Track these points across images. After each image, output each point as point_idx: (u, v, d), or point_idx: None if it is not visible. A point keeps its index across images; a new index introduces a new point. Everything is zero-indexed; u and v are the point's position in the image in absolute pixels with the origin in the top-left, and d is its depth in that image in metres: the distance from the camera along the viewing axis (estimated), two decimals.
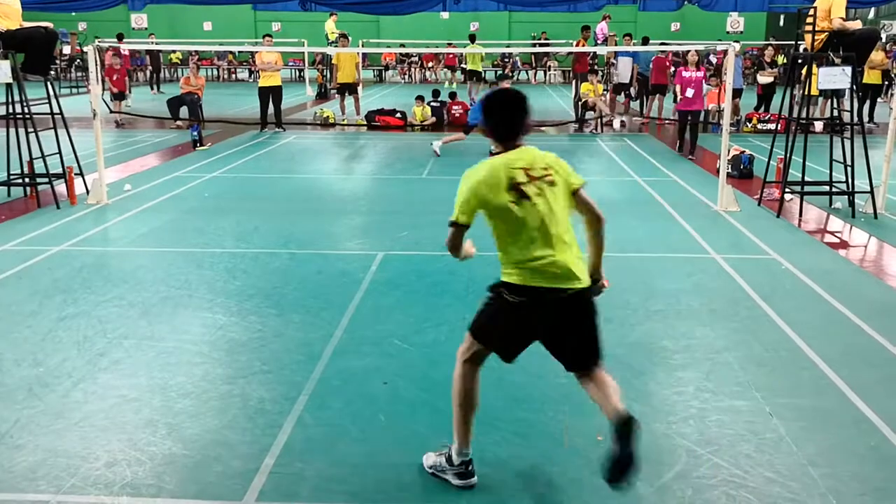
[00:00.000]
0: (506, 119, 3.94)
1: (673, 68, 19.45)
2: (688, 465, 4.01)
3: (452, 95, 19.50)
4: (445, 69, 34.17)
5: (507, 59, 36.58)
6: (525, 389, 4.89)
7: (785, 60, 23.48)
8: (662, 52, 19.09)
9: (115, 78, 19.15)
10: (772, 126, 16.21)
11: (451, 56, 32.44)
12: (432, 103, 19.10)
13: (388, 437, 4.31)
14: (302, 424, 4.43)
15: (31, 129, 10.00)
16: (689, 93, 14.10)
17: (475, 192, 3.85)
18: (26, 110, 9.94)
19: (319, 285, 6.95)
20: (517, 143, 3.96)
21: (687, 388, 4.92)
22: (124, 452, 4.10)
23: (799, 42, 10.43)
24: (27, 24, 10.15)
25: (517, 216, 3.77)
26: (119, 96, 19.28)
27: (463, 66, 28.22)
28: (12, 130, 10.20)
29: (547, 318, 3.81)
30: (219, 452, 4.12)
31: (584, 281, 3.85)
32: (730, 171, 10.70)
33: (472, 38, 22.64)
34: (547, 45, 35.34)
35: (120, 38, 25.36)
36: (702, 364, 5.27)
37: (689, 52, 14.83)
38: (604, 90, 19.34)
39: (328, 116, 19.19)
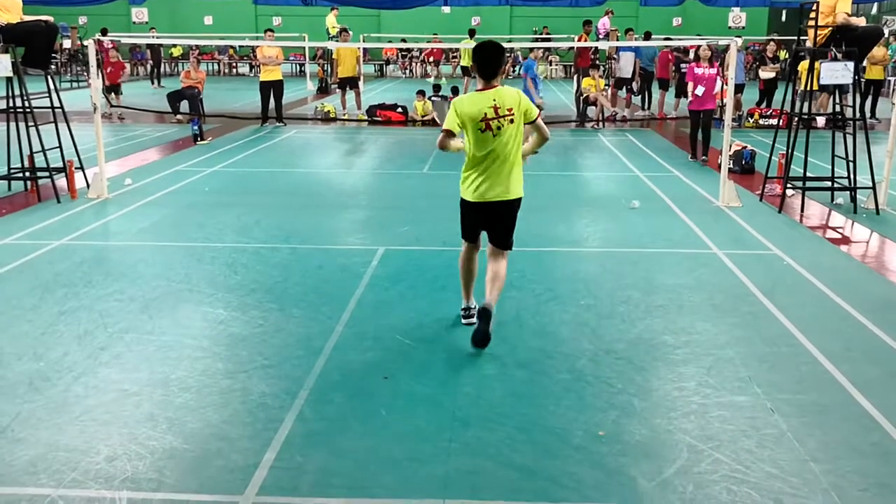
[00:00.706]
0: (483, 63, 5.32)
1: (674, 64, 19.44)
2: (689, 461, 4.01)
3: (454, 90, 19.47)
4: (430, 63, 33.98)
5: (508, 55, 36.56)
6: (527, 385, 4.88)
7: (787, 56, 23.43)
8: (668, 47, 19.08)
9: (109, 71, 19.12)
10: (773, 121, 16.18)
11: (437, 50, 32.26)
12: (433, 98, 19.07)
13: (388, 432, 4.30)
14: (302, 419, 4.42)
15: (31, 123, 9.99)
16: (700, 91, 13.03)
17: (458, 113, 5.32)
18: (27, 104, 9.92)
19: (320, 280, 6.94)
20: (493, 83, 5.35)
21: (688, 383, 4.91)
22: (125, 447, 4.10)
23: (802, 37, 10.41)
24: (28, 18, 10.13)
25: (480, 138, 5.34)
26: (113, 89, 19.25)
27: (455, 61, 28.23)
28: (13, 124, 10.18)
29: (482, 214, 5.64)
30: (219, 447, 4.12)
31: (513, 194, 5.54)
32: (731, 166, 10.68)
33: (472, 34, 22.61)
34: (548, 39, 35.30)
35: (104, 32, 25.29)
36: (703, 359, 5.27)
37: (699, 46, 13.46)
38: (605, 85, 19.30)
39: (329, 111, 19.17)
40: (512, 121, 5.30)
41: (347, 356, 5.29)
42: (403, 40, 34.28)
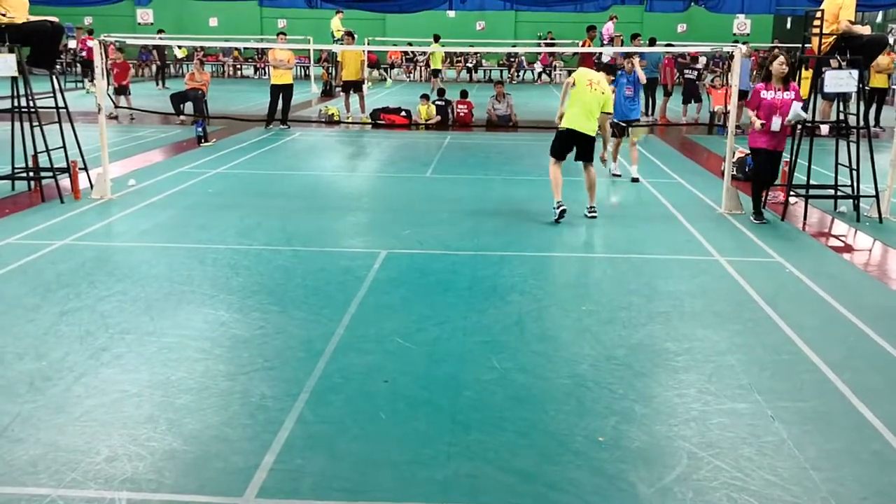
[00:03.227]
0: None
1: (677, 70, 19.49)
2: (689, 468, 4.00)
3: (464, 94, 19.49)
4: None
5: (513, 59, 36.60)
6: (528, 389, 4.88)
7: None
8: (669, 53, 19.11)
9: (115, 73, 19.17)
10: None
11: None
12: (437, 102, 19.10)
13: (388, 435, 4.30)
14: (303, 421, 4.42)
15: (35, 123, 10.01)
16: (776, 124, 9.07)
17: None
18: (31, 104, 9.94)
19: (322, 282, 6.94)
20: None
21: (689, 390, 4.91)
22: (125, 447, 4.10)
23: (806, 45, 10.40)
24: (33, 18, 10.15)
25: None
26: (121, 90, 19.28)
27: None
28: (17, 124, 10.20)
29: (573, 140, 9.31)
30: (219, 448, 4.12)
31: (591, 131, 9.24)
32: (734, 173, 10.67)
33: (437, 38, 22.97)
34: (553, 44, 35.34)
35: (90, 33, 25.37)
36: (704, 366, 5.26)
37: (775, 59, 9.32)
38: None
39: (333, 114, 19.20)
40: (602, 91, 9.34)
41: (348, 359, 5.30)
42: (409, 44, 34.32)
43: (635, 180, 11.87)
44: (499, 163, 13.76)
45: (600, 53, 20.77)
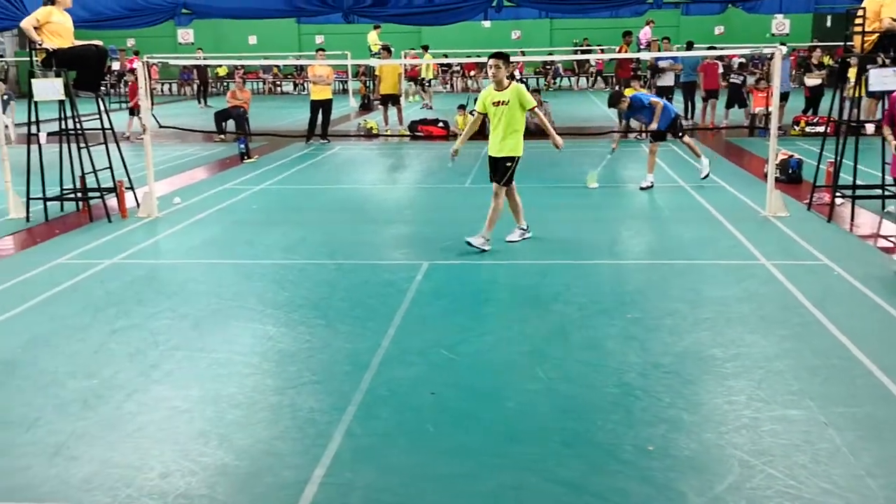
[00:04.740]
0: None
1: (723, 75, 19.30)
2: (741, 476, 3.95)
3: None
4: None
5: (548, 67, 36.53)
6: (573, 400, 4.86)
7: (831, 62, 23.08)
8: (708, 57, 18.93)
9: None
10: (821, 129, 15.93)
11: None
12: (474, 112, 19.09)
13: (436, 448, 4.31)
14: (351, 435, 4.45)
15: (83, 145, 10.23)
16: None
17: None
18: (78, 126, 10.16)
19: (365, 295, 6.99)
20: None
21: (738, 397, 4.85)
22: (177, 463, 4.17)
23: (848, 43, 10.24)
24: (78, 43, 10.38)
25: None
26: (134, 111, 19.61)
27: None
28: (65, 146, 10.43)
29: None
30: (270, 463, 4.17)
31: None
32: (778, 175, 10.52)
33: (426, 49, 23.16)
34: (589, 51, 35.21)
35: (136, 54, 25.84)
36: (753, 372, 5.19)
37: None
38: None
39: (372, 127, 19.33)
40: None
41: (394, 371, 5.32)
42: (445, 55, 34.45)
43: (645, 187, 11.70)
44: (537, 171, 13.72)
45: (638, 59, 20.67)
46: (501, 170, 8.38)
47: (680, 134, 12.07)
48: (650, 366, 5.32)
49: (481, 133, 18.52)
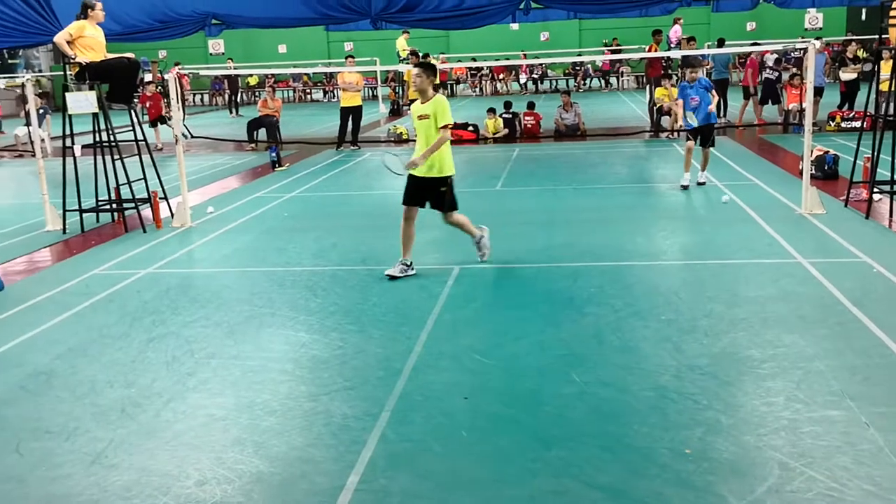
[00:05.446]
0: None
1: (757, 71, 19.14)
2: (781, 479, 3.88)
3: (530, 105, 19.47)
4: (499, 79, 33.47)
5: (578, 67, 36.38)
6: (610, 403, 4.81)
7: (864, 55, 22.73)
8: (745, 54, 18.84)
9: (148, 105, 19.80)
10: (856, 124, 15.68)
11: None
12: (504, 115, 19.10)
13: (470, 453, 4.29)
14: (385, 441, 4.45)
15: (117, 157, 10.37)
16: None
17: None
18: (112, 138, 10.30)
19: (397, 300, 6.99)
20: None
21: (777, 398, 4.77)
22: (213, 471, 4.19)
23: (884, 36, 10.07)
24: (111, 56, 10.52)
25: None
26: (156, 123, 19.83)
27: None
28: (99, 158, 10.58)
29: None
30: (305, 470, 4.17)
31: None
32: (814, 172, 10.37)
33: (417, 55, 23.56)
34: (618, 51, 34.99)
35: (177, 64, 26.18)
36: (791, 373, 5.11)
37: None
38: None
39: (402, 133, 19.37)
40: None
41: (427, 376, 5.31)
42: (473, 59, 34.46)
43: (699, 184, 11.60)
44: (569, 172, 13.67)
45: (668, 58, 20.51)
46: (437, 197, 7.58)
47: (710, 144, 11.81)
48: (686, 368, 5.25)
49: (511, 136, 18.62)
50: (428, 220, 10.41)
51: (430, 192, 7.59)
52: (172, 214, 10.62)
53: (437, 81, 7.85)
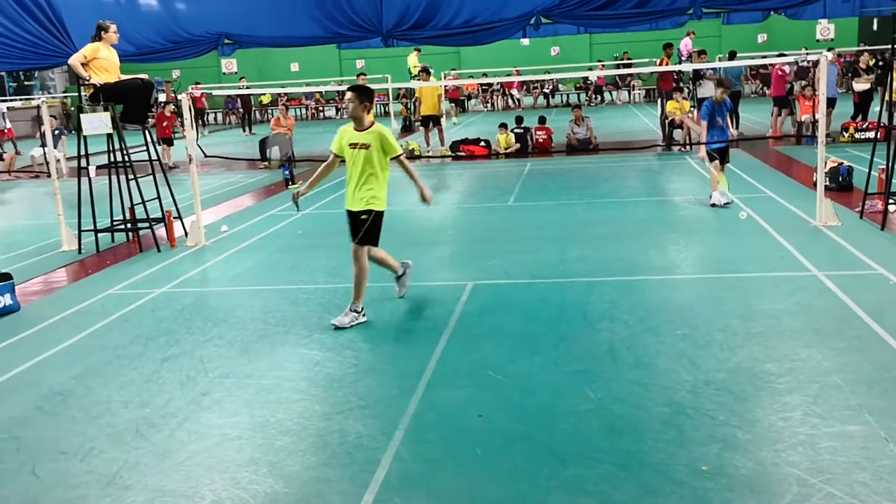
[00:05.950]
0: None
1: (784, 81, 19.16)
2: (799, 495, 3.84)
3: (542, 120, 19.49)
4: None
5: (589, 82, 36.41)
6: (625, 419, 4.78)
7: (876, 65, 22.65)
8: (770, 65, 18.85)
9: (164, 125, 19.98)
10: (870, 135, 15.61)
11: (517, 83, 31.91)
12: (516, 130, 19.13)
13: (485, 471, 4.27)
14: (399, 459, 4.43)
15: (131, 177, 10.43)
16: None
17: None
18: (126, 158, 10.37)
19: (411, 317, 6.98)
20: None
21: (794, 413, 4.73)
22: (228, 491, 4.18)
23: (895, 46, 10.04)
24: (125, 77, 10.61)
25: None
26: (167, 141, 20.06)
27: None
28: (114, 178, 10.64)
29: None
30: (319, 489, 4.16)
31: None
32: (828, 183, 10.32)
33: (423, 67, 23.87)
34: (629, 65, 35.02)
35: (197, 83, 26.46)
36: (808, 387, 5.06)
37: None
38: (690, 108, 19.00)
39: (413, 149, 19.42)
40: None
41: (441, 394, 5.30)
42: (485, 74, 34.55)
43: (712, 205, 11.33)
44: (581, 187, 13.66)
45: (679, 71, 20.53)
46: (356, 225, 6.92)
47: (727, 161, 11.59)
48: (701, 383, 5.22)
49: (523, 151, 18.63)
50: (437, 238, 10.44)
51: (355, 223, 6.93)
52: (186, 233, 10.67)
53: (373, 108, 7.17)
